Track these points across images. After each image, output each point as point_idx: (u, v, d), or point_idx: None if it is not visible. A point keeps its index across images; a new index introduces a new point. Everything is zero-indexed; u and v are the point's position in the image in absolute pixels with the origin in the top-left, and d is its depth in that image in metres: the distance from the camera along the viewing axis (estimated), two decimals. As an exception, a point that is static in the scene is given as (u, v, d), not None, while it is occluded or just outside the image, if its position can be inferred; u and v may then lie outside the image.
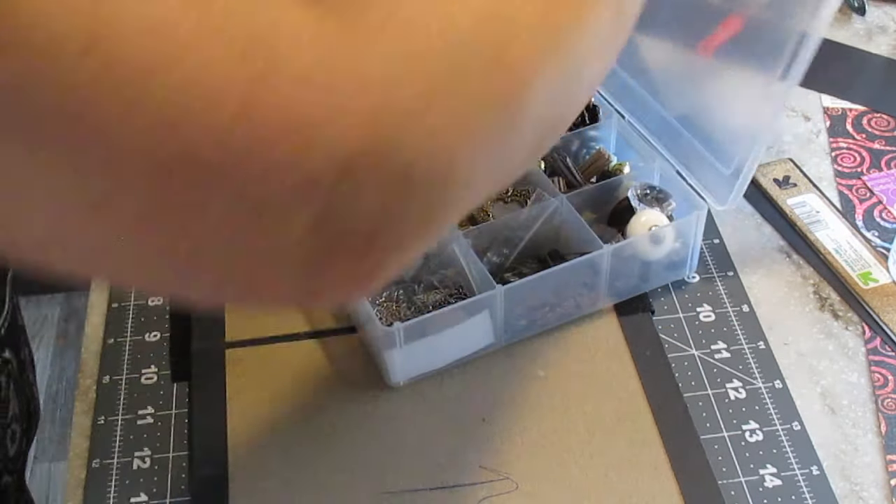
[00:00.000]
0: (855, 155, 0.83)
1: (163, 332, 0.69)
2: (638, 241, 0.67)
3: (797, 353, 0.68)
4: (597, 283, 0.67)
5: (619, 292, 0.70)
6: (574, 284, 0.67)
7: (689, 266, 0.71)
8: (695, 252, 0.70)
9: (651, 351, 0.67)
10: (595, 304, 0.69)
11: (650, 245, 0.67)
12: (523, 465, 0.61)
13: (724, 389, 0.65)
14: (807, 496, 0.60)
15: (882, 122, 0.86)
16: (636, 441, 0.62)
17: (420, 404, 0.65)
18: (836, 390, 0.66)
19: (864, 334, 0.69)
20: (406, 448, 0.62)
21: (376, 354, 0.66)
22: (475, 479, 0.61)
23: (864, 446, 0.63)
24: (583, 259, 0.65)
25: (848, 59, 0.93)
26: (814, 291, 0.72)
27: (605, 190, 0.70)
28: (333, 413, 0.64)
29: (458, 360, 0.66)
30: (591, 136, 0.74)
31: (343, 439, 0.63)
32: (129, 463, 0.63)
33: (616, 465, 0.61)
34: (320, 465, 0.62)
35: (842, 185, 0.80)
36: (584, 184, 0.72)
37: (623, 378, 0.66)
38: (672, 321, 0.70)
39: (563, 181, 0.72)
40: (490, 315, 0.64)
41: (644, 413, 0.64)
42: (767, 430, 0.63)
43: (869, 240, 0.75)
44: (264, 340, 0.69)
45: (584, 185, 0.71)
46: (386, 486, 0.60)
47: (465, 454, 0.62)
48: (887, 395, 0.65)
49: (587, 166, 0.73)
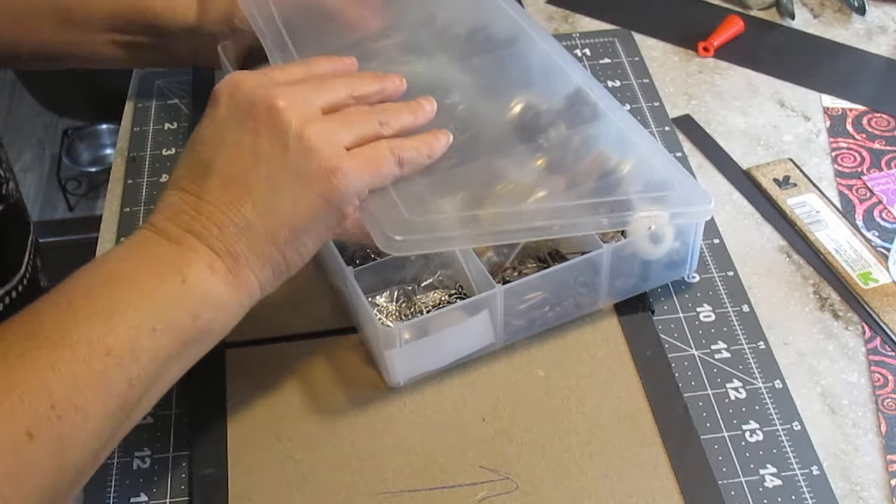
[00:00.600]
0: (855, 155, 0.83)
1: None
2: (638, 240, 0.66)
3: (797, 353, 0.68)
4: (597, 283, 0.67)
5: (618, 292, 0.70)
6: (574, 284, 0.67)
7: (689, 266, 0.71)
8: (695, 252, 0.70)
9: (651, 351, 0.67)
10: (595, 303, 0.69)
11: (650, 244, 0.67)
12: (523, 465, 0.61)
13: (725, 389, 0.65)
14: (807, 496, 0.60)
15: (882, 122, 0.86)
16: (636, 441, 0.62)
17: (420, 404, 0.65)
18: (836, 390, 0.66)
19: (864, 334, 0.69)
20: (406, 448, 0.62)
21: (376, 354, 0.65)
22: (475, 479, 0.61)
23: (864, 446, 0.63)
24: (583, 258, 0.65)
25: (848, 59, 0.93)
26: (814, 291, 0.72)
27: (605, 188, 0.70)
28: (333, 413, 0.64)
29: (458, 360, 0.66)
30: (590, 134, 0.74)
31: (343, 439, 0.63)
32: (128, 463, 0.63)
33: (616, 465, 0.61)
34: (320, 465, 0.62)
35: (842, 185, 0.80)
36: (583, 182, 0.72)
37: (623, 378, 0.66)
38: (672, 321, 0.70)
39: (563, 179, 0.72)
40: (490, 315, 0.64)
41: (644, 413, 0.64)
42: (767, 430, 0.63)
43: (869, 240, 0.75)
44: (264, 340, 0.69)
45: (584, 184, 0.71)
46: (386, 486, 0.60)
47: (465, 454, 0.62)
48: (887, 395, 0.65)
49: (587, 164, 0.73)
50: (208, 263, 0.54)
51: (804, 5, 1.00)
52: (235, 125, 0.56)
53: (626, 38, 0.95)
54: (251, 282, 0.56)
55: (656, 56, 0.94)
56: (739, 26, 0.95)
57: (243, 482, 0.61)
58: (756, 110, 0.87)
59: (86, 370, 0.49)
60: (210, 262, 0.55)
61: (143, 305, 0.52)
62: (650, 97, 0.88)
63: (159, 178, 0.81)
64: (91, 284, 0.53)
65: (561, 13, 0.99)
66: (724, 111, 0.87)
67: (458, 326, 0.63)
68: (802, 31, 0.97)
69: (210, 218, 0.55)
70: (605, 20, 0.98)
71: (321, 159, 0.55)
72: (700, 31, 0.95)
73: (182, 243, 0.55)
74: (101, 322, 0.51)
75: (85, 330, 0.50)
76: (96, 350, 0.50)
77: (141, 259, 0.55)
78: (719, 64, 0.93)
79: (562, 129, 0.75)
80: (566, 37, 0.95)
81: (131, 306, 0.52)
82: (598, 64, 0.92)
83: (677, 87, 0.90)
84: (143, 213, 0.78)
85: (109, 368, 0.50)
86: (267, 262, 0.56)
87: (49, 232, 1.97)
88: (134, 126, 0.87)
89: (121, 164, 0.83)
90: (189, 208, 0.55)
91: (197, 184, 0.56)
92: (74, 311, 0.51)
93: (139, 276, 0.53)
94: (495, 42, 0.83)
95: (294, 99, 0.57)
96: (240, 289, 0.56)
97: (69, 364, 0.49)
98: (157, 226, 0.56)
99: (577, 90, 0.76)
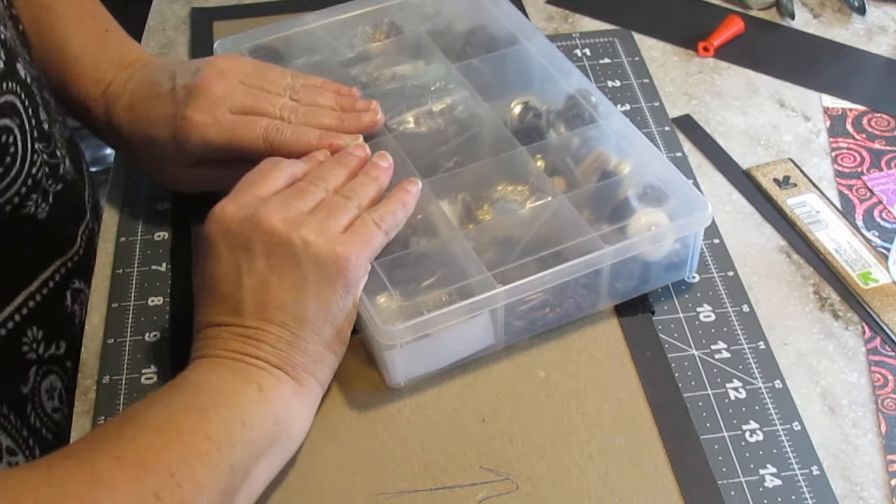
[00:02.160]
0: (855, 155, 0.83)
1: (163, 332, 0.69)
2: (639, 241, 0.66)
3: (797, 353, 0.68)
4: (597, 284, 0.67)
5: (619, 293, 0.70)
6: (574, 286, 0.67)
7: (690, 267, 0.71)
8: (695, 253, 0.70)
9: (651, 351, 0.67)
10: (595, 304, 0.69)
11: (651, 245, 0.67)
12: (523, 465, 0.61)
13: (724, 389, 0.65)
14: (807, 496, 0.60)
15: (882, 122, 0.86)
16: (636, 441, 0.63)
17: (420, 404, 0.65)
18: (836, 390, 0.66)
19: (864, 334, 0.69)
20: (406, 448, 0.62)
21: (376, 355, 0.66)
22: (475, 479, 0.61)
23: (864, 446, 0.63)
24: (583, 259, 0.65)
25: (848, 59, 0.93)
26: (814, 291, 0.72)
27: (605, 190, 0.70)
28: (333, 413, 0.64)
29: (458, 361, 0.66)
30: (590, 136, 0.74)
31: (343, 439, 0.63)
32: (129, 463, 0.63)
33: (616, 465, 0.61)
34: (320, 465, 0.62)
35: (842, 185, 0.80)
36: (583, 184, 0.72)
37: (623, 378, 0.66)
38: (672, 321, 0.70)
39: (563, 180, 0.72)
40: (490, 316, 0.64)
41: (644, 413, 0.64)
42: (767, 430, 0.63)
43: (869, 240, 0.75)
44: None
45: (584, 185, 0.71)
46: (386, 486, 0.61)
47: (465, 454, 0.62)
48: (887, 395, 0.65)
49: (587, 166, 0.73)
50: (276, 376, 0.59)
51: (804, 5, 1.00)
52: (243, 254, 0.61)
53: (626, 38, 0.95)
54: (313, 384, 0.61)
55: (656, 56, 0.94)
56: (739, 26, 0.95)
57: (243, 482, 0.61)
58: (756, 110, 0.87)
59: (194, 450, 0.54)
60: (276, 375, 0.59)
61: (229, 404, 0.57)
62: (650, 97, 0.88)
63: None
64: (172, 394, 0.57)
65: (561, 13, 0.99)
66: (724, 111, 0.87)
67: (459, 327, 0.63)
68: (802, 31, 0.97)
69: (260, 340, 0.60)
70: (605, 20, 0.98)
71: (332, 257, 0.60)
72: (700, 31, 0.95)
73: (245, 362, 0.59)
74: (198, 416, 0.56)
75: (185, 422, 0.55)
76: (199, 436, 0.54)
77: (215, 373, 0.59)
78: (719, 64, 0.93)
79: (561, 131, 0.75)
80: (566, 37, 0.95)
81: (221, 405, 0.57)
82: (598, 64, 0.92)
83: (677, 87, 0.90)
84: (143, 213, 0.79)
85: (212, 451, 0.54)
86: (321, 362, 0.62)
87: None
88: (134, 126, 0.87)
89: (121, 164, 0.83)
90: (236, 336, 0.60)
91: (233, 316, 0.60)
92: (170, 408, 0.56)
93: (220, 385, 0.58)
94: (494, 43, 0.83)
95: (285, 215, 0.61)
96: (305, 394, 0.61)
97: (178, 445, 0.54)
98: (211, 355, 0.60)
99: (577, 92, 0.76)
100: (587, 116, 0.75)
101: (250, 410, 0.57)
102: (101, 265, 0.75)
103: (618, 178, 0.71)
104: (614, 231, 0.67)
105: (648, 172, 0.71)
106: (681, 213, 0.68)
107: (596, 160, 0.73)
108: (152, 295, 0.72)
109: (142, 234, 0.77)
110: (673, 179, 0.69)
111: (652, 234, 0.67)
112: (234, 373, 0.59)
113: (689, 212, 0.67)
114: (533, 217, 0.68)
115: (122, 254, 0.75)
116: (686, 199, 0.68)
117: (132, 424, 0.55)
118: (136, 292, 0.72)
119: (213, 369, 0.59)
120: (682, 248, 0.69)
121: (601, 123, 0.75)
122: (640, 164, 0.71)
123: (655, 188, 0.70)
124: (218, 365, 0.59)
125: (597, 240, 0.65)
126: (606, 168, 0.72)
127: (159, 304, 0.72)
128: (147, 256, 0.75)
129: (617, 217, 0.68)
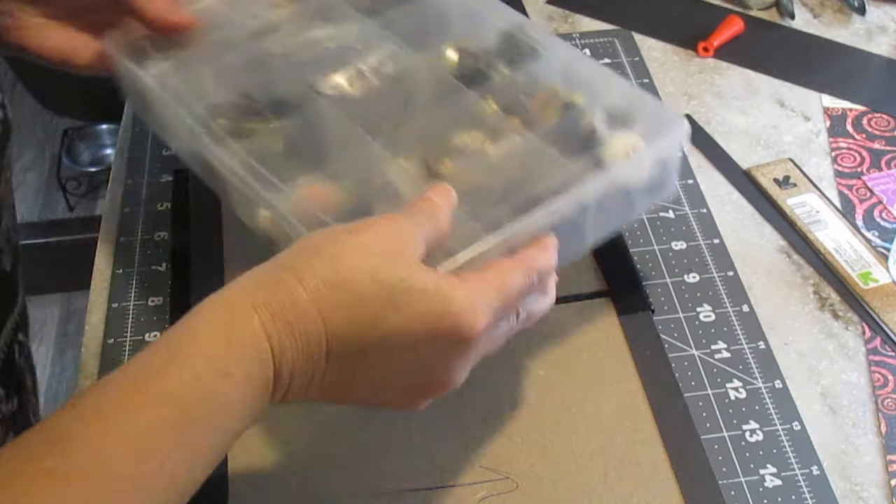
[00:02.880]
0: (855, 155, 0.83)
1: (162, 332, 0.69)
2: (619, 167, 0.60)
3: (797, 353, 0.68)
4: (582, 221, 0.60)
5: (604, 228, 0.63)
6: (561, 226, 0.58)
7: (670, 186, 0.65)
8: (674, 170, 0.64)
9: (651, 351, 0.67)
10: (582, 241, 0.62)
11: (631, 170, 0.61)
12: (523, 465, 0.61)
13: (724, 389, 0.65)
14: (807, 496, 0.60)
15: (882, 122, 0.86)
16: (636, 441, 0.63)
17: (420, 404, 0.65)
18: (836, 390, 0.66)
19: (864, 334, 0.69)
20: (406, 448, 0.62)
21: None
22: (475, 479, 0.61)
23: (864, 446, 0.63)
24: (565, 195, 0.58)
25: (848, 59, 0.93)
26: (814, 291, 0.72)
27: (567, 123, 0.64)
28: (333, 413, 0.64)
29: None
30: (536, 70, 0.67)
31: (343, 439, 0.63)
32: (129, 463, 0.63)
33: (616, 465, 0.61)
34: (320, 465, 0.62)
35: (842, 185, 0.80)
36: (541, 121, 0.65)
37: (623, 378, 0.66)
38: (672, 321, 0.70)
39: (519, 121, 0.65)
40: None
41: (644, 413, 0.64)
42: (767, 430, 0.63)
43: (869, 240, 0.75)
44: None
45: (542, 123, 0.65)
46: (386, 486, 0.61)
47: (465, 454, 0.62)
48: (887, 395, 0.65)
49: (540, 102, 0.66)
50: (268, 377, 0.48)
51: (804, 5, 1.00)
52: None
53: (626, 38, 0.95)
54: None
55: (656, 56, 0.94)
56: (739, 26, 0.95)
57: (243, 482, 0.61)
58: (756, 110, 0.87)
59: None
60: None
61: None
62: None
63: (159, 178, 0.81)
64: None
65: (561, 13, 0.99)
66: (724, 111, 0.87)
67: None
68: (802, 31, 0.97)
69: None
70: (605, 20, 0.98)
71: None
72: (700, 31, 0.95)
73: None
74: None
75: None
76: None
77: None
78: (719, 64, 0.93)
79: (503, 70, 0.69)
80: (566, 37, 0.95)
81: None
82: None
83: (677, 87, 0.90)
84: (143, 213, 0.79)
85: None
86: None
87: (49, 232, 1.97)
88: (134, 126, 0.87)
89: (121, 164, 0.83)
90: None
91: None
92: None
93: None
94: None
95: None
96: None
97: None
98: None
99: (509, 28, 0.71)
100: (528, 51, 0.69)
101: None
102: (101, 265, 0.75)
103: (580, 108, 0.65)
104: (591, 163, 0.61)
105: (609, 97, 0.65)
106: (656, 131, 0.62)
107: (548, 94, 0.66)
108: (152, 295, 0.72)
109: (142, 234, 0.77)
110: (637, 99, 0.64)
111: (633, 159, 0.61)
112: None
113: (666, 129, 0.62)
114: (501, 160, 0.62)
115: (122, 254, 0.75)
116: (657, 116, 0.63)
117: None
118: (136, 292, 0.72)
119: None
120: (662, 169, 0.63)
121: (545, 55, 0.68)
122: (597, 91, 0.66)
123: (621, 111, 0.64)
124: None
125: (579, 173, 0.59)
126: (563, 101, 0.66)
127: (159, 304, 0.72)
128: (147, 256, 0.75)
129: (589, 148, 0.62)
